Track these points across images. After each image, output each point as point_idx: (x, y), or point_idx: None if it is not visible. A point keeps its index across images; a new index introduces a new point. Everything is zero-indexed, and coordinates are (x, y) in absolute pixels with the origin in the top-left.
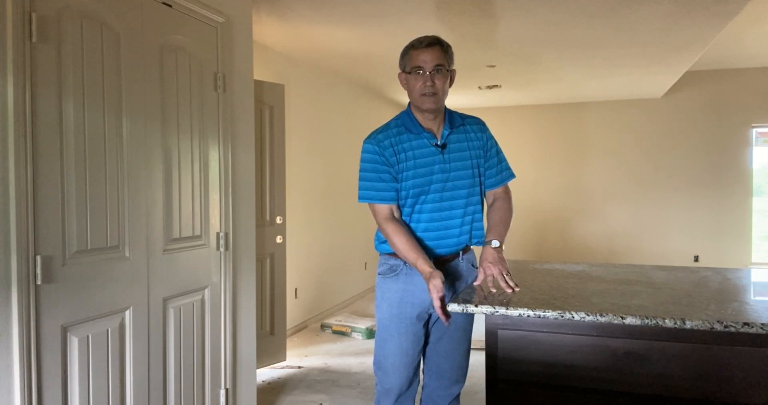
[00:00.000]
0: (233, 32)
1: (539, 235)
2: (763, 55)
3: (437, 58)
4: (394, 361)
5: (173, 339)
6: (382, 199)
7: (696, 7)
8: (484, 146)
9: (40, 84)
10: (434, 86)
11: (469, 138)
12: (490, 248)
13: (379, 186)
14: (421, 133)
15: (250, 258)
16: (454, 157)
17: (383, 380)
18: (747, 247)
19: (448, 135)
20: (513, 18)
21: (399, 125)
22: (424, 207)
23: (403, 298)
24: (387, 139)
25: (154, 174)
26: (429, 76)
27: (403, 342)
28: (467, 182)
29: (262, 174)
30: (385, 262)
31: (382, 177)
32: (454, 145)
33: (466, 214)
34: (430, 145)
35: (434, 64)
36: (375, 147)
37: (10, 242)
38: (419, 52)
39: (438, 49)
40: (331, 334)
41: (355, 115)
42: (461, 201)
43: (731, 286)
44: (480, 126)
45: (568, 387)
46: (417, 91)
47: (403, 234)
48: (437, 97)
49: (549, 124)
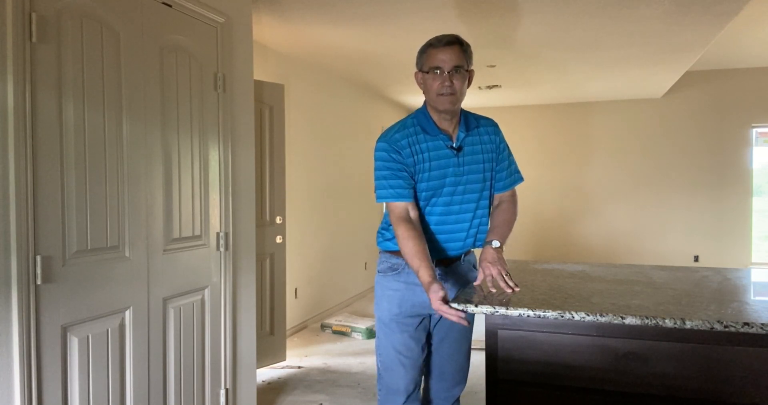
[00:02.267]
0: (233, 32)
1: (539, 235)
2: (763, 55)
3: (456, 58)
4: (400, 360)
5: (173, 339)
6: (398, 197)
7: (696, 7)
8: (497, 149)
9: (40, 84)
10: (452, 86)
11: (483, 141)
12: (491, 248)
13: (395, 184)
14: (438, 134)
15: (250, 258)
16: (469, 160)
17: (389, 382)
18: (747, 247)
19: (464, 138)
20: (513, 18)
21: (416, 125)
22: (434, 209)
23: (404, 297)
24: (405, 138)
25: (154, 174)
26: (447, 76)
27: (406, 339)
28: (479, 186)
29: (262, 174)
30: (387, 260)
31: (398, 175)
32: (469, 147)
33: (476, 217)
34: (446, 147)
35: (453, 65)
36: (392, 146)
37: (10, 242)
38: (438, 51)
39: (457, 49)
40: (331, 334)
41: (355, 115)
42: (472, 205)
43: (731, 286)
44: (494, 128)
45: (568, 387)
46: (434, 91)
47: (414, 239)
48: (455, 98)
49: (549, 124)
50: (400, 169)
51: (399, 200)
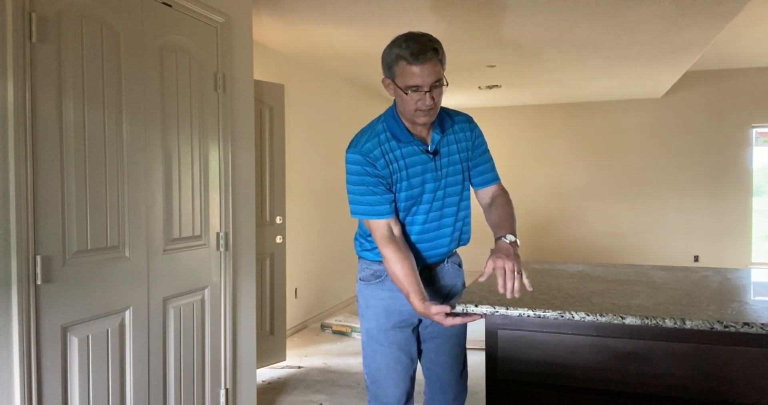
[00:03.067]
0: (233, 32)
1: (539, 235)
2: (763, 55)
3: (435, 72)
4: (389, 373)
5: (173, 339)
6: (378, 214)
7: (696, 7)
8: (472, 144)
9: (40, 84)
10: (433, 102)
11: (458, 139)
12: (505, 242)
13: (374, 200)
14: (411, 140)
15: (250, 258)
16: (446, 162)
17: (379, 395)
18: (747, 247)
19: (439, 140)
20: (513, 18)
21: (386, 130)
22: (416, 218)
23: (389, 307)
24: (377, 148)
25: (154, 174)
26: (428, 95)
27: (395, 351)
28: (459, 188)
29: (262, 174)
30: (368, 267)
31: (375, 190)
32: (445, 149)
33: (458, 220)
34: (421, 152)
35: (432, 81)
36: (363, 158)
37: (10, 242)
38: (415, 69)
39: (436, 63)
40: (331, 334)
41: (355, 115)
42: (453, 208)
43: (731, 286)
44: (468, 124)
45: (568, 387)
46: (411, 106)
47: (402, 261)
48: (434, 112)
49: (549, 124)
50: (376, 184)
51: (378, 218)
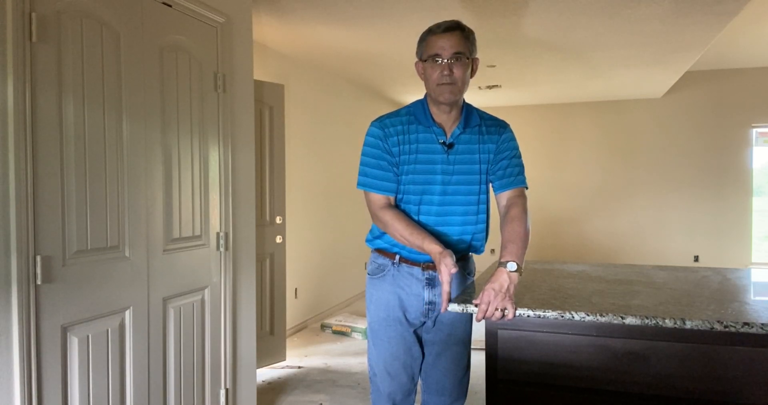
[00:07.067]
0: (233, 32)
1: (539, 235)
2: (763, 55)
3: (456, 44)
4: (385, 366)
5: (173, 339)
6: (378, 189)
7: (696, 7)
8: (497, 148)
9: (40, 84)
10: (452, 75)
11: (483, 140)
12: (504, 272)
13: (378, 174)
14: (431, 126)
15: (250, 258)
16: (460, 159)
17: (377, 384)
18: (747, 247)
19: (459, 134)
20: (513, 18)
21: (410, 114)
22: (431, 209)
23: (390, 301)
24: (393, 126)
25: (154, 174)
26: (447, 65)
27: (393, 346)
28: (468, 188)
29: (262, 174)
30: (374, 260)
31: (381, 165)
32: (463, 146)
33: (466, 223)
34: (436, 142)
35: (453, 52)
36: (380, 131)
37: (10, 242)
38: (437, 38)
39: (458, 35)
40: (331, 334)
41: (355, 115)
42: (458, 208)
43: (731, 286)
44: (498, 128)
45: (568, 387)
46: (434, 81)
47: (403, 218)
48: (455, 88)
49: (549, 124)
50: (383, 159)
51: (378, 192)
